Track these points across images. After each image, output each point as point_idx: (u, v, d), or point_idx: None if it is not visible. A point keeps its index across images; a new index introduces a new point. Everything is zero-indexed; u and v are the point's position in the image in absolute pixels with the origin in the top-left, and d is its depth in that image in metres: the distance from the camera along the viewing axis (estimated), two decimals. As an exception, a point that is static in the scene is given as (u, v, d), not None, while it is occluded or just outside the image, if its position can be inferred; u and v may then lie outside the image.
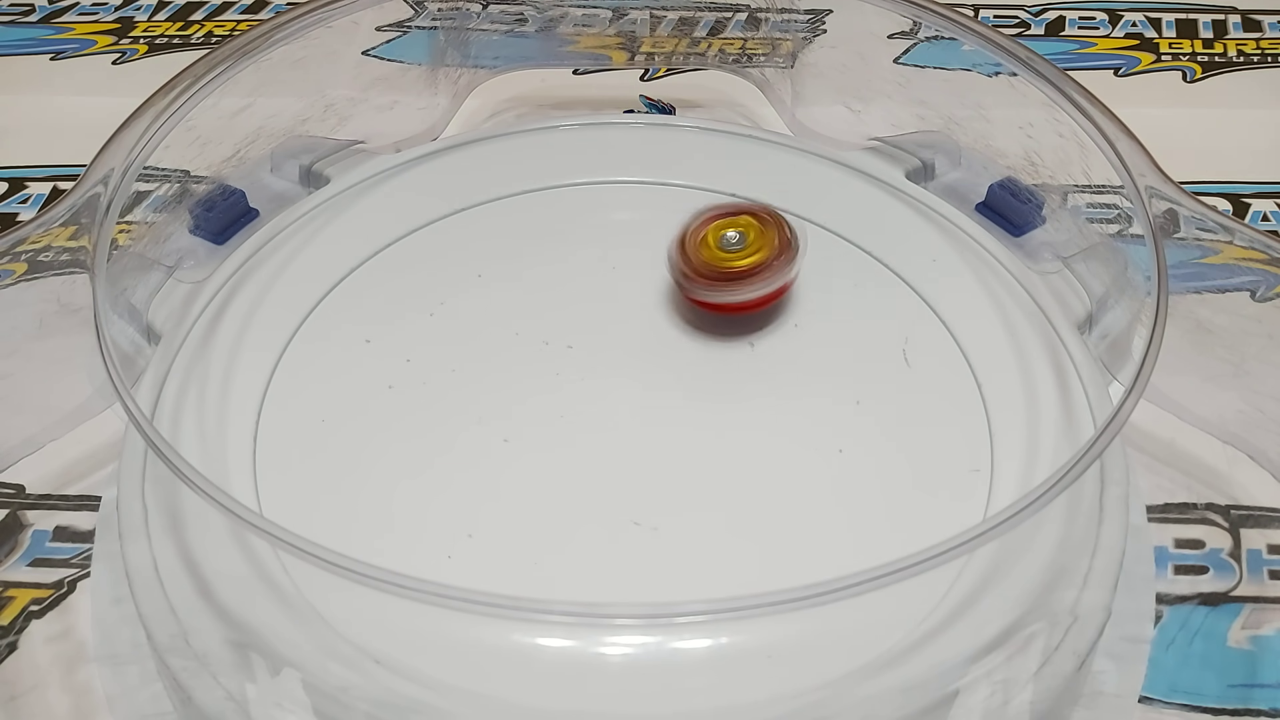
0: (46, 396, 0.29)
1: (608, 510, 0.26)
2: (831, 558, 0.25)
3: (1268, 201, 0.39)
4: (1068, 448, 0.27)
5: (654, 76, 0.44)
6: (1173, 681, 0.26)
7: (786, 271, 0.29)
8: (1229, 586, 0.28)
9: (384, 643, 0.23)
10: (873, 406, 0.28)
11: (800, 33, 0.40)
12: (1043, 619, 0.24)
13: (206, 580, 0.24)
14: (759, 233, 0.29)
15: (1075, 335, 0.30)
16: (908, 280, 0.31)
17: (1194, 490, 0.30)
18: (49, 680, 0.26)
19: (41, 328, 0.29)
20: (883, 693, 0.22)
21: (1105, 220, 0.34)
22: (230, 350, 0.29)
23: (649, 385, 0.28)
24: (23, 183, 0.40)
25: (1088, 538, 0.25)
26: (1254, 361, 0.28)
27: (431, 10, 0.42)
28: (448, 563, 0.25)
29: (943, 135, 0.36)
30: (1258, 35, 0.46)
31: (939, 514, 0.26)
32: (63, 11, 0.47)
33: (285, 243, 0.32)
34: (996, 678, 0.23)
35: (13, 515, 0.30)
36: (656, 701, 0.23)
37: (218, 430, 0.27)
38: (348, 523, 0.26)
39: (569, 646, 0.23)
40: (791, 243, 0.29)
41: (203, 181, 0.34)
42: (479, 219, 0.33)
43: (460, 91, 0.40)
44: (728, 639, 0.23)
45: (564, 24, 0.41)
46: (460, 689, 0.22)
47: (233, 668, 0.23)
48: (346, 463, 0.27)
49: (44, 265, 0.28)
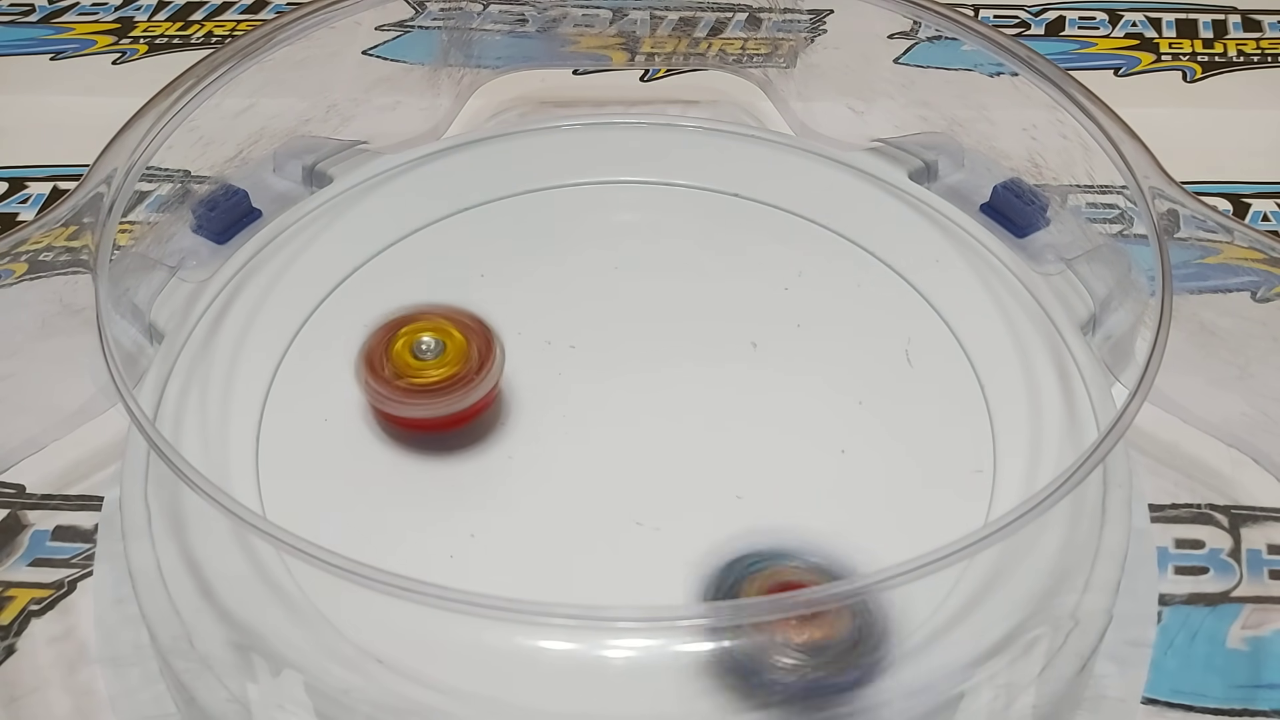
0: (48, 397, 0.29)
1: (610, 510, 0.26)
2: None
3: (1268, 201, 0.39)
4: (1070, 449, 0.27)
5: (654, 77, 0.44)
6: (1175, 682, 0.26)
7: (484, 385, 0.26)
8: (1229, 587, 0.28)
9: (386, 644, 0.23)
10: (876, 407, 0.28)
11: (801, 33, 0.40)
12: (1045, 622, 0.24)
13: (209, 582, 0.24)
14: (453, 341, 0.26)
15: (1078, 336, 0.30)
16: (910, 281, 0.31)
17: (1196, 492, 0.30)
18: (50, 681, 0.26)
19: (43, 328, 0.28)
20: (886, 696, 0.22)
21: (1108, 220, 0.34)
22: (233, 350, 0.29)
23: (651, 385, 0.28)
24: (23, 183, 0.39)
25: (1090, 540, 0.25)
26: (1258, 365, 0.28)
27: (433, 10, 0.42)
28: (450, 563, 0.25)
29: (945, 136, 0.36)
30: (1258, 35, 0.46)
31: (942, 514, 0.26)
32: (63, 11, 0.47)
33: (288, 243, 0.32)
34: (999, 681, 0.23)
35: (13, 515, 0.30)
36: (659, 704, 0.23)
37: (220, 431, 0.27)
38: (350, 523, 0.26)
39: (571, 649, 0.23)
40: (493, 352, 0.26)
41: (205, 181, 0.34)
42: (481, 219, 0.33)
43: (463, 92, 0.40)
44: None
45: (564, 24, 0.41)
46: (462, 691, 0.22)
47: (236, 669, 0.23)
48: (349, 463, 0.27)
49: (45, 265, 0.28)
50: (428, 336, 0.26)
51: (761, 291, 0.31)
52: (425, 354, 0.26)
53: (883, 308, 0.30)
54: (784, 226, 0.32)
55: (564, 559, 0.25)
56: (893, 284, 0.31)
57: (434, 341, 0.26)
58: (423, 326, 0.27)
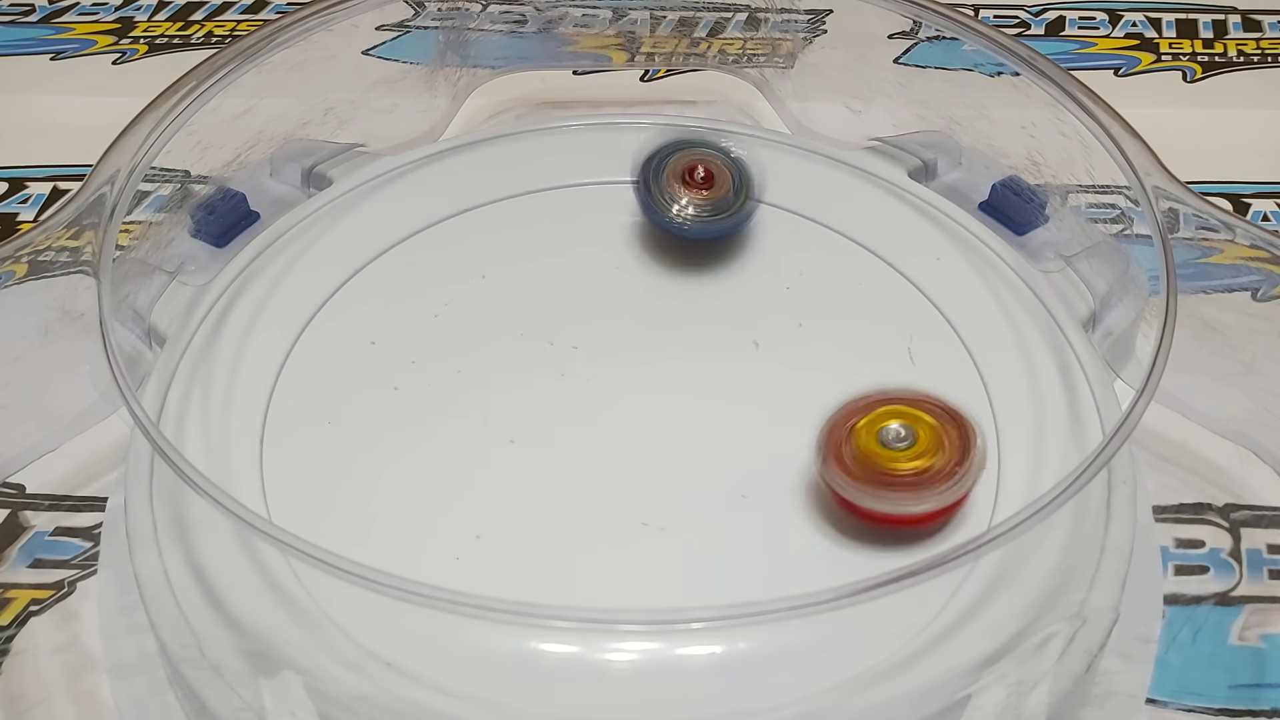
0: (50, 403, 0.29)
1: (615, 510, 0.26)
2: (838, 558, 0.25)
3: (1268, 201, 0.39)
4: (1074, 445, 0.27)
5: (654, 77, 0.44)
6: (1177, 683, 0.26)
7: (965, 482, 0.24)
8: (1229, 586, 0.28)
9: (394, 648, 0.23)
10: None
11: (800, 33, 0.40)
12: (1052, 620, 0.24)
13: (217, 588, 0.24)
14: (930, 429, 0.24)
15: (1080, 333, 0.30)
16: (912, 279, 0.31)
17: (1198, 489, 0.30)
18: (55, 691, 0.26)
19: (45, 334, 0.28)
20: (892, 698, 0.22)
21: (1108, 220, 0.34)
22: (234, 354, 0.29)
23: (654, 385, 0.28)
24: (23, 183, 0.39)
25: (1096, 537, 0.25)
26: (1264, 360, 0.28)
27: (431, 10, 0.42)
28: (456, 565, 0.25)
29: (944, 135, 0.36)
30: (1258, 35, 0.46)
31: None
32: (63, 11, 0.47)
33: (287, 246, 0.32)
34: (1010, 680, 0.23)
35: (13, 516, 0.30)
36: (667, 707, 0.23)
37: (223, 435, 0.27)
38: (355, 526, 0.25)
39: (577, 652, 0.23)
40: (971, 444, 0.24)
41: (203, 185, 0.34)
42: (481, 220, 0.33)
43: (460, 93, 0.40)
44: (736, 644, 0.23)
45: (564, 24, 0.41)
46: (470, 695, 0.22)
47: (247, 677, 0.23)
48: (353, 465, 0.27)
49: (44, 266, 0.28)
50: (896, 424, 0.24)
51: (763, 291, 0.31)
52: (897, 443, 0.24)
53: (885, 306, 0.30)
54: (784, 226, 0.32)
55: (569, 560, 0.25)
56: (894, 282, 0.31)
57: (903, 430, 0.24)
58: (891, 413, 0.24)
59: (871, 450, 0.24)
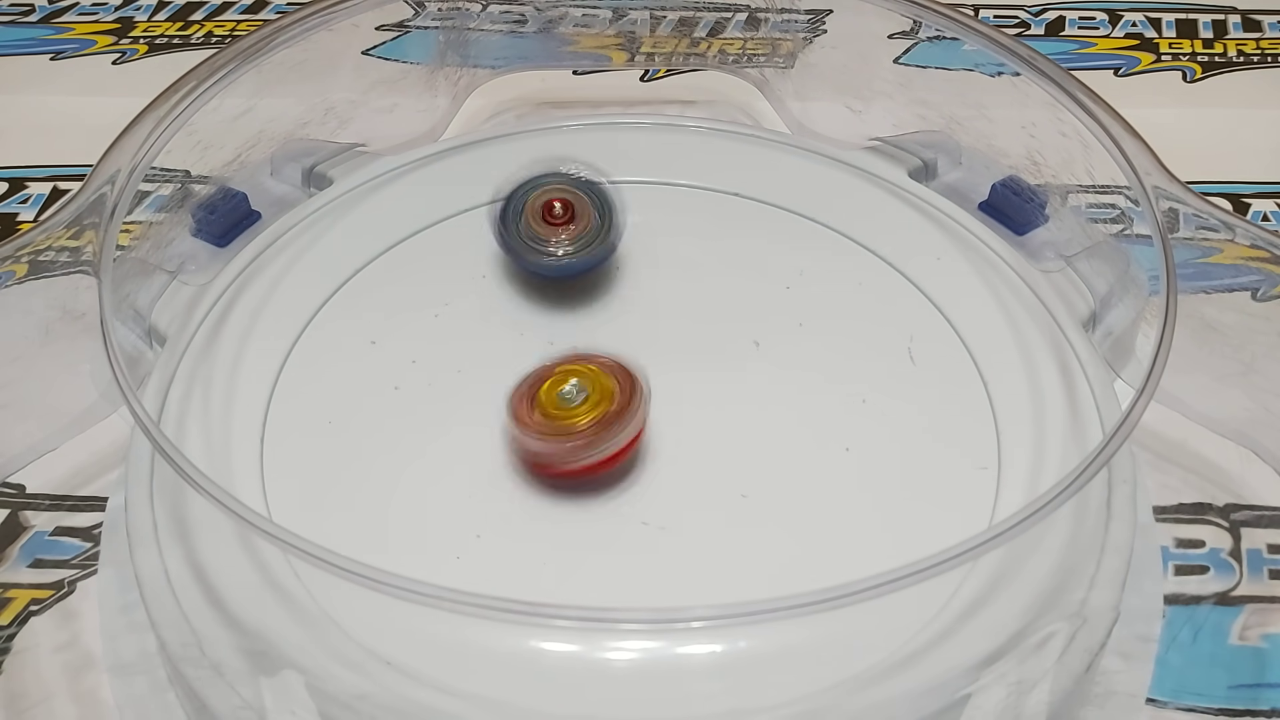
0: (51, 402, 0.29)
1: (615, 509, 0.26)
2: (839, 557, 0.25)
3: (1268, 201, 0.39)
4: (1074, 444, 0.27)
5: (654, 77, 0.44)
6: (1177, 683, 0.26)
7: (635, 422, 0.26)
8: (1229, 586, 0.28)
9: (395, 646, 0.23)
10: (879, 404, 0.28)
11: (800, 33, 0.40)
12: (1052, 619, 0.24)
13: (217, 587, 0.24)
14: (598, 383, 0.26)
15: (1080, 333, 0.30)
16: (912, 278, 0.31)
17: (1198, 489, 0.30)
18: (56, 690, 0.26)
19: (46, 334, 0.28)
20: (892, 697, 0.22)
21: (1108, 220, 0.34)
22: (235, 354, 0.29)
23: (654, 385, 0.28)
24: (23, 183, 0.39)
25: (1096, 537, 0.25)
26: (1264, 360, 0.28)
27: (431, 10, 0.42)
28: (456, 563, 0.25)
29: (944, 135, 0.36)
30: (1258, 35, 0.46)
31: (947, 512, 0.26)
32: (63, 11, 0.47)
33: (288, 245, 0.32)
34: (1010, 679, 0.23)
35: (13, 516, 0.30)
36: (667, 706, 0.23)
37: (224, 434, 0.27)
38: (356, 525, 0.25)
39: (577, 651, 0.23)
40: (636, 389, 0.26)
41: (204, 184, 0.34)
42: (481, 220, 0.33)
43: (460, 92, 0.40)
44: (736, 644, 0.23)
45: (564, 24, 0.41)
46: (471, 694, 0.22)
47: (248, 676, 0.23)
48: (353, 464, 0.27)
49: (44, 266, 0.28)
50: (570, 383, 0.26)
51: (763, 290, 0.31)
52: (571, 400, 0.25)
53: (885, 305, 0.30)
54: (784, 225, 0.32)
55: (569, 558, 0.25)
56: (894, 282, 0.31)
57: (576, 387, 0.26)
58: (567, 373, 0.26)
59: (553, 410, 0.25)
